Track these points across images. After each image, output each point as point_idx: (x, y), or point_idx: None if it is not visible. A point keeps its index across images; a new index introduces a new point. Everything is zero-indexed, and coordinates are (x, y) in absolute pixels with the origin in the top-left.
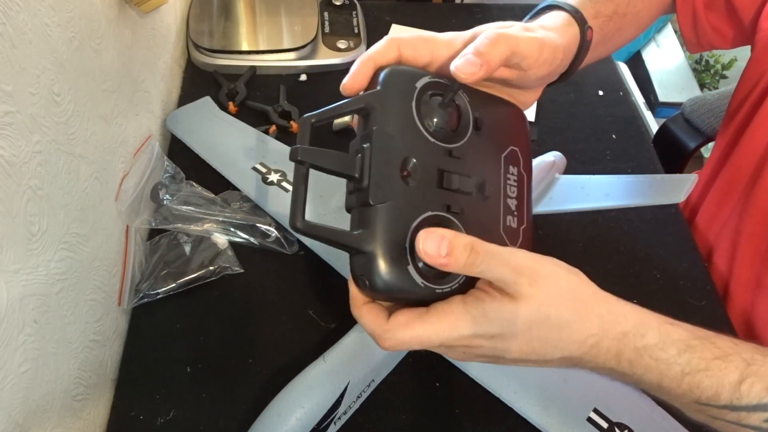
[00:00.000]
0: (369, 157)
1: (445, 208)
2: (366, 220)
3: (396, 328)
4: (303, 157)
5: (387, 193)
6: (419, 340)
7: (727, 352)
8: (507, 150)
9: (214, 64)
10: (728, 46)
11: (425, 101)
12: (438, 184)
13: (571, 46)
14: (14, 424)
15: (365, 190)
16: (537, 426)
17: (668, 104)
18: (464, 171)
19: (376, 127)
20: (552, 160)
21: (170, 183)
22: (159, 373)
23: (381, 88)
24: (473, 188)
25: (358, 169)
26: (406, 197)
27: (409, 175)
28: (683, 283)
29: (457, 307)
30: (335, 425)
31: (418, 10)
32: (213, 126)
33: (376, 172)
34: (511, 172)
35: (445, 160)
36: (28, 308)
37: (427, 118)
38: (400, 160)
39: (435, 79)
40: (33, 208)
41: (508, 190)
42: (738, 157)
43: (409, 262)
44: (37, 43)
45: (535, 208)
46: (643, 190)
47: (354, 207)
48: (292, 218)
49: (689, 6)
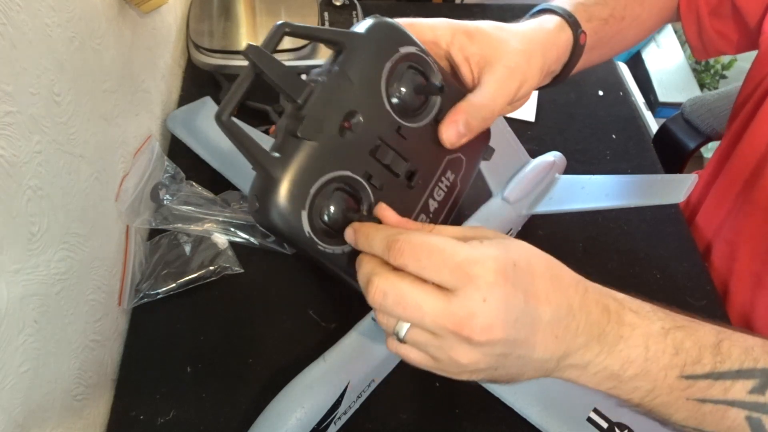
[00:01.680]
0: (319, 91)
1: (367, 176)
2: (286, 148)
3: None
4: (254, 55)
5: (318, 133)
6: (429, 251)
7: (699, 322)
8: (454, 155)
9: (214, 64)
10: (734, 51)
11: (400, 69)
12: (371, 151)
13: (561, 52)
14: (14, 424)
15: (299, 120)
16: (537, 426)
17: (668, 104)
18: (403, 152)
19: (338, 68)
20: (552, 160)
21: (170, 183)
22: (159, 373)
23: (365, 32)
24: (402, 172)
25: (304, 96)
26: (334, 147)
27: (349, 128)
28: (683, 283)
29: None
30: (335, 425)
31: (418, 10)
32: (213, 126)
33: (317, 109)
34: (447, 176)
35: (390, 132)
36: (29, 308)
37: (394, 86)
38: (346, 110)
39: (421, 54)
40: (33, 208)
41: (435, 191)
42: (738, 157)
43: (305, 207)
44: (37, 43)
45: (535, 208)
46: (643, 190)
47: (282, 131)
48: (219, 110)
49: (693, 14)
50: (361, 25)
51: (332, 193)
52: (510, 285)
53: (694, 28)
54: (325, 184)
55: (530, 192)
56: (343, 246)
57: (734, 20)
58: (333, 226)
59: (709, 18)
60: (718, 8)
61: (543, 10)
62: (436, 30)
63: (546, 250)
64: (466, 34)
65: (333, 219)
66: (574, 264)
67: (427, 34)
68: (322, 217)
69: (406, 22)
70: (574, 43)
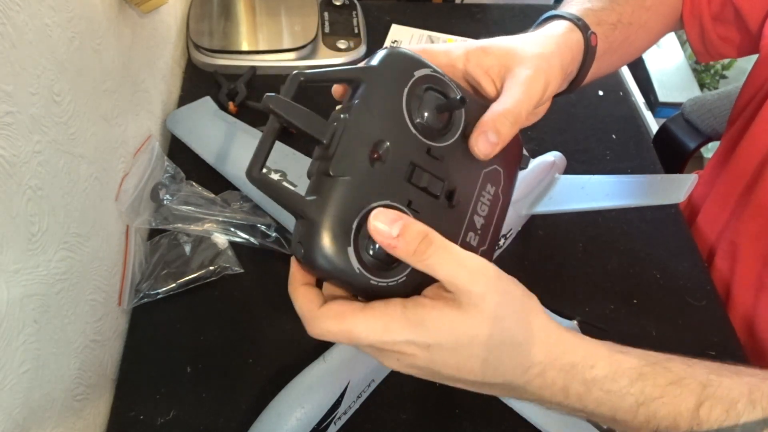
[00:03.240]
0: (343, 127)
1: (406, 202)
2: (320, 189)
3: (325, 317)
4: (275, 106)
5: (349, 167)
6: (348, 335)
7: (681, 376)
8: (490, 167)
9: (214, 64)
10: (737, 54)
11: (419, 93)
12: (406, 177)
13: (575, 53)
14: (14, 424)
15: (329, 159)
16: (537, 426)
17: (668, 104)
18: (437, 173)
19: (358, 101)
20: (552, 160)
21: (170, 183)
22: (159, 373)
23: (378, 64)
24: (441, 192)
25: (329, 135)
26: (368, 178)
27: (379, 159)
28: (683, 283)
29: (394, 308)
30: (335, 425)
31: (418, 10)
32: (213, 126)
33: (345, 144)
34: (488, 190)
35: (421, 155)
36: (29, 308)
37: (416, 109)
38: (374, 141)
39: (437, 75)
40: (33, 208)
41: (479, 207)
42: (739, 158)
43: (350, 243)
44: (37, 43)
45: (535, 208)
46: (643, 190)
47: (314, 174)
48: (250, 167)
49: (696, 20)
50: (375, 58)
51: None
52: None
53: (697, 33)
54: (365, 216)
55: (530, 192)
56: (397, 277)
57: (736, 25)
58: (382, 258)
59: (711, 23)
60: (720, 13)
61: (550, 17)
62: (450, 53)
63: (546, 251)
64: (480, 49)
65: (380, 250)
66: (574, 264)
67: (442, 58)
68: (368, 251)
69: (419, 48)
70: (586, 46)
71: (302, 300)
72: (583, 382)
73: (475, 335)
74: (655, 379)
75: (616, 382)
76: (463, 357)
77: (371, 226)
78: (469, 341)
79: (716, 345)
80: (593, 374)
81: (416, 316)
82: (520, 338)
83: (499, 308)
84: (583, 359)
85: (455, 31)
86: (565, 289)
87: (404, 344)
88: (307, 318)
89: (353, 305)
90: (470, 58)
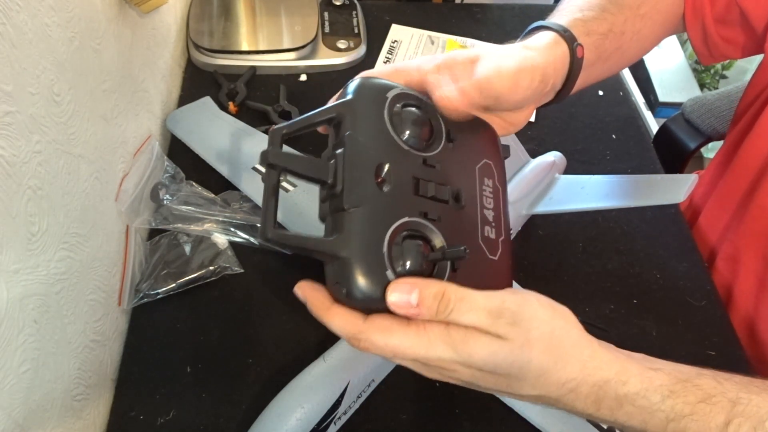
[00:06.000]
0: (342, 161)
1: (422, 215)
2: (340, 225)
3: (374, 331)
4: (274, 160)
5: (361, 197)
6: (394, 350)
7: (712, 394)
8: (481, 162)
9: (214, 64)
10: (740, 55)
11: (397, 111)
12: (413, 191)
13: (559, 66)
14: (14, 424)
15: (339, 195)
16: (537, 426)
17: (668, 104)
18: (439, 180)
19: (348, 132)
20: (552, 160)
21: (170, 183)
22: (159, 373)
23: (352, 96)
24: (449, 197)
25: (332, 174)
26: (381, 202)
27: (384, 182)
28: (683, 283)
29: (438, 327)
30: (335, 425)
31: (418, 10)
32: (213, 126)
33: (350, 177)
34: (486, 184)
35: (419, 168)
36: (28, 308)
37: (400, 127)
38: (374, 166)
39: (405, 91)
40: (33, 208)
41: (485, 201)
42: (742, 159)
43: (387, 267)
44: (37, 43)
45: (535, 208)
46: (643, 190)
47: (328, 214)
48: (263, 229)
49: (698, 22)
50: (347, 92)
51: (402, 243)
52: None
53: (700, 35)
54: (392, 237)
55: (530, 192)
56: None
57: (741, 26)
58: (418, 273)
59: (714, 25)
60: (724, 15)
61: (537, 28)
62: (421, 68)
63: (546, 250)
64: (450, 60)
65: (415, 265)
66: (574, 264)
67: (414, 74)
68: (405, 268)
69: (389, 69)
70: (572, 57)
71: (343, 318)
72: (616, 398)
73: (513, 362)
74: (686, 397)
75: (648, 398)
76: (502, 377)
77: (390, 304)
78: (508, 366)
79: (716, 345)
80: (625, 390)
81: (458, 333)
82: (552, 362)
83: (530, 336)
84: (616, 375)
85: (455, 31)
86: (565, 289)
87: (448, 362)
88: (353, 333)
89: (399, 320)
90: (441, 69)
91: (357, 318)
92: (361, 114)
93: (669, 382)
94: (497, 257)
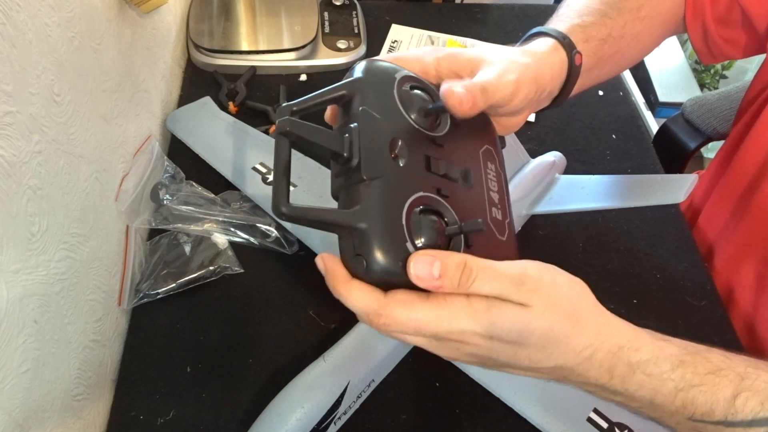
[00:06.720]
0: (358, 135)
1: (436, 191)
2: (358, 197)
3: (395, 305)
4: (292, 128)
5: (379, 169)
6: (416, 324)
7: (720, 367)
8: (483, 147)
9: (214, 64)
10: (742, 55)
11: (405, 91)
12: (426, 168)
13: (556, 73)
14: (14, 424)
15: (356, 168)
16: (537, 426)
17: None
18: (448, 159)
19: (362, 108)
20: (552, 160)
21: (170, 183)
22: (159, 373)
23: (363, 75)
24: (458, 176)
25: (347, 147)
26: (398, 175)
27: (397, 157)
28: (683, 283)
29: (460, 299)
30: (335, 425)
31: (418, 10)
32: (213, 126)
33: (367, 149)
34: (490, 167)
35: (430, 146)
36: (28, 308)
37: (409, 106)
38: (389, 140)
39: (411, 74)
40: (33, 208)
41: (490, 183)
42: (742, 159)
43: (407, 239)
44: (37, 43)
45: (535, 208)
46: (643, 190)
47: (343, 187)
48: (276, 203)
49: (699, 22)
50: (355, 71)
51: (419, 217)
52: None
53: (700, 36)
54: (409, 210)
55: (530, 192)
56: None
57: (743, 26)
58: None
59: (715, 25)
60: (725, 15)
61: (536, 34)
62: (422, 59)
63: (546, 250)
64: (451, 55)
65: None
66: (574, 264)
67: (414, 65)
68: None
69: (391, 57)
70: (570, 64)
71: (363, 292)
72: (628, 365)
73: (535, 328)
74: (696, 367)
75: (659, 366)
76: (522, 347)
77: (412, 276)
78: (530, 333)
79: (716, 345)
80: (638, 357)
81: (480, 304)
82: (571, 328)
83: (552, 301)
84: (629, 342)
85: (455, 31)
86: None
87: (469, 334)
88: (373, 308)
89: (419, 293)
90: (441, 63)
91: (378, 292)
92: (371, 91)
93: (679, 353)
94: (505, 238)
